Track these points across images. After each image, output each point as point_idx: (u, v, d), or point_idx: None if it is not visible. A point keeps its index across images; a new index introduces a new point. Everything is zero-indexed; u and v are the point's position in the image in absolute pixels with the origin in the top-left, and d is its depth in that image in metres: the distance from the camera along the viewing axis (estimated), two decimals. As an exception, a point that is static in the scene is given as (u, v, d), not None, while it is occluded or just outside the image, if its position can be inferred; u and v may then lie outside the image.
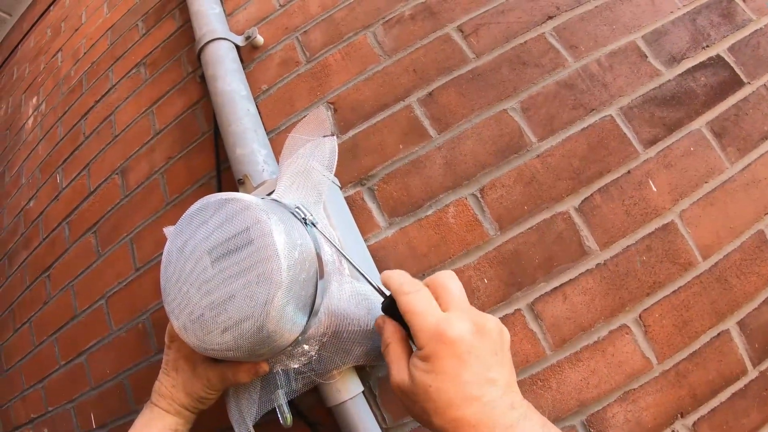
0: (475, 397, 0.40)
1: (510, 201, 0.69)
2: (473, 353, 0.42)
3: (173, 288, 0.54)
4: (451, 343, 0.42)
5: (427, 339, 0.43)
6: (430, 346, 0.42)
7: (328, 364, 0.61)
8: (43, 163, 1.12)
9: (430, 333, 0.43)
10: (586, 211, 0.67)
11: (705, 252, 0.64)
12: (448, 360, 0.42)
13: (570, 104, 0.71)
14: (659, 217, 0.66)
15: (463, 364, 0.42)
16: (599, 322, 0.64)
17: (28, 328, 1.05)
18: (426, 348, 0.42)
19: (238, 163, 0.76)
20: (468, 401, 0.40)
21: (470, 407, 0.40)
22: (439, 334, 0.42)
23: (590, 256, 0.66)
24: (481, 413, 0.40)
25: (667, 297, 0.63)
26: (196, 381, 0.58)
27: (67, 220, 1.03)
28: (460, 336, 0.42)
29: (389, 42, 0.81)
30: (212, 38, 0.84)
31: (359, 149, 0.77)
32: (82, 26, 1.19)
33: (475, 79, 0.75)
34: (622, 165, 0.68)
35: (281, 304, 0.48)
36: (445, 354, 0.42)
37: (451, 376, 0.41)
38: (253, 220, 0.50)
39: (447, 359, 0.42)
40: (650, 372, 0.62)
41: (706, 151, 0.67)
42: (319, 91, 0.83)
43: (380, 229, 0.73)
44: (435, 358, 0.42)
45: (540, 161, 0.70)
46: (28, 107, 1.23)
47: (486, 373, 0.42)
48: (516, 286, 0.66)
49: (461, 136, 0.73)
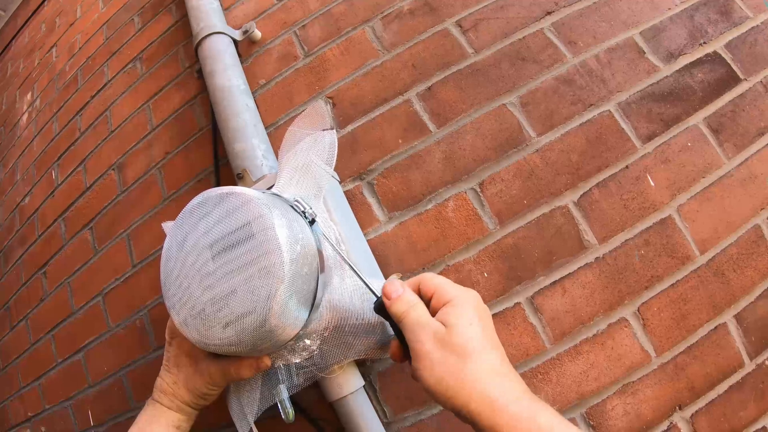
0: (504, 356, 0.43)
1: (509, 195, 0.70)
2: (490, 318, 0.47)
3: (173, 283, 0.53)
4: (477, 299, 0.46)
5: (454, 290, 0.46)
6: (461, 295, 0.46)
7: (329, 359, 0.61)
8: (38, 160, 1.12)
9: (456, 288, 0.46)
10: (584, 205, 0.68)
11: (702, 246, 0.65)
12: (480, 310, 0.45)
13: (569, 100, 0.72)
14: (657, 211, 0.66)
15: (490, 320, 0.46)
16: (598, 315, 0.64)
17: (24, 326, 1.05)
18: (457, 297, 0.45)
19: (237, 158, 0.76)
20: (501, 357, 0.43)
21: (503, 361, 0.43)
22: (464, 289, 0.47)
23: (589, 250, 0.66)
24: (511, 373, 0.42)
25: (665, 291, 0.64)
26: (197, 377, 0.58)
27: (63, 217, 1.02)
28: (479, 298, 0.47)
29: (388, 37, 0.81)
30: (210, 32, 0.84)
31: (358, 144, 0.78)
32: (77, 21, 1.19)
33: (474, 74, 0.75)
34: (621, 160, 0.68)
35: (284, 298, 0.48)
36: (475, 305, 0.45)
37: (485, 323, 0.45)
38: (254, 214, 0.50)
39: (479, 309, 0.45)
40: (649, 365, 0.62)
41: (704, 147, 0.68)
42: (318, 86, 0.83)
43: (380, 223, 0.73)
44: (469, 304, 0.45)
45: (539, 156, 0.70)
46: (22, 103, 1.22)
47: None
48: (516, 280, 0.67)
49: (461, 131, 0.73)
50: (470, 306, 0.45)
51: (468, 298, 0.46)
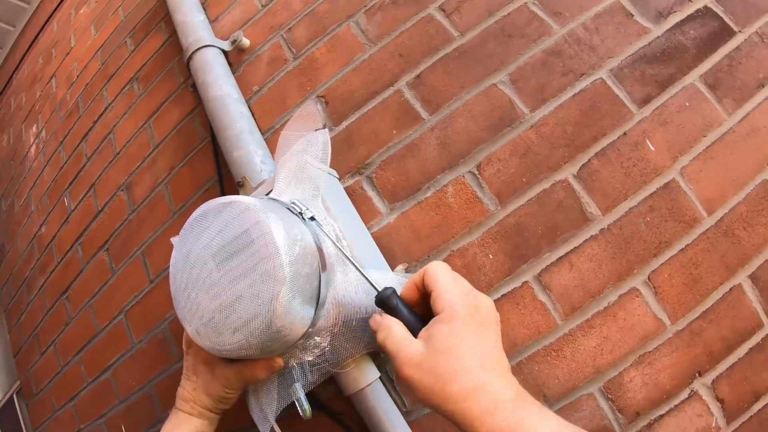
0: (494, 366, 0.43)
1: (507, 174, 0.70)
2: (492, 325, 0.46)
3: (183, 295, 0.57)
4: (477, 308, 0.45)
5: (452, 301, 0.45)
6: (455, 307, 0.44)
7: (341, 354, 0.63)
8: (50, 189, 1.17)
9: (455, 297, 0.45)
10: (584, 177, 0.68)
11: (709, 207, 0.64)
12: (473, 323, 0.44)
13: (559, 71, 0.72)
14: (660, 176, 0.66)
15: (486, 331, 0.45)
16: (608, 287, 0.64)
17: (53, 351, 1.10)
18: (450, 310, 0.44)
19: (237, 166, 0.79)
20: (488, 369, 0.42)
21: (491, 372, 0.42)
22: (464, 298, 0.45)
23: (593, 222, 0.66)
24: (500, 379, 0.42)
25: (674, 256, 0.64)
26: (215, 382, 0.60)
27: (79, 242, 1.07)
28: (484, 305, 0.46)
29: (373, 29, 0.83)
30: (199, 46, 0.87)
31: (354, 139, 0.79)
32: (72, 50, 1.23)
33: (461, 56, 0.76)
34: (618, 127, 0.68)
35: (287, 299, 0.51)
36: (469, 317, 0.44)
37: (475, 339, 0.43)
38: (252, 220, 0.52)
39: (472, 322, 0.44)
40: (664, 333, 0.62)
41: (702, 105, 0.67)
42: (309, 86, 0.85)
43: (382, 215, 0.75)
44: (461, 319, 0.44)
45: (534, 132, 0.71)
46: (29, 136, 1.28)
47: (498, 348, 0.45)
48: (521, 259, 0.68)
49: (453, 115, 0.74)
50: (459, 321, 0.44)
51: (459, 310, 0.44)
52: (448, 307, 0.45)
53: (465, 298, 0.46)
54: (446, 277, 0.47)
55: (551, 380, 0.64)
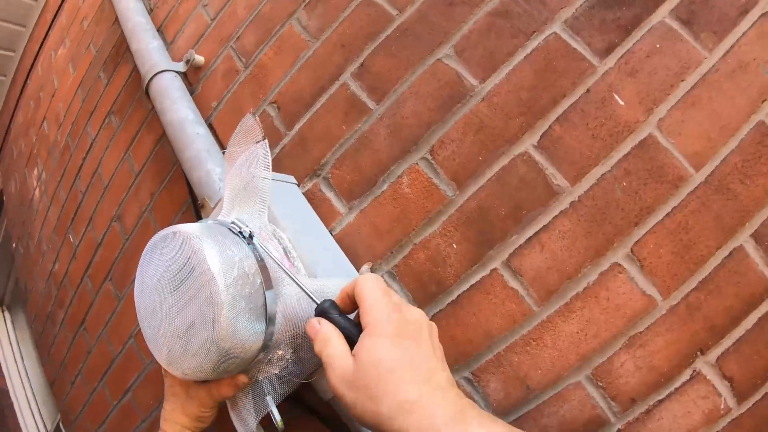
0: (428, 380, 0.40)
1: (462, 155, 0.65)
2: (423, 337, 0.44)
3: (147, 325, 0.59)
4: (404, 321, 0.43)
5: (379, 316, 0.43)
6: (382, 322, 0.43)
7: (306, 365, 0.62)
8: (56, 227, 1.24)
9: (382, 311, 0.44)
10: (546, 146, 0.61)
11: (696, 161, 0.56)
12: (400, 337, 0.42)
13: (507, 33, 0.65)
14: (633, 133, 0.58)
15: (416, 344, 0.43)
16: (585, 265, 0.58)
17: (81, 380, 1.17)
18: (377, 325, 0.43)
19: (197, 186, 0.78)
20: (421, 383, 0.40)
21: (423, 387, 0.39)
22: (389, 312, 0.44)
23: (561, 195, 0.60)
24: (433, 395, 0.39)
25: (660, 222, 0.56)
26: (190, 402, 0.63)
27: (87, 274, 1.13)
28: (413, 316, 0.45)
29: (314, 23, 0.79)
30: (154, 73, 0.87)
31: (307, 141, 0.76)
32: (56, 91, 1.29)
33: (402, 35, 0.71)
34: (579, 84, 0.61)
35: (228, 321, 0.51)
36: (396, 331, 0.42)
37: (403, 354, 0.41)
38: (191, 250, 0.54)
39: (399, 336, 0.42)
40: (656, 310, 0.55)
41: (676, 44, 0.57)
42: (261, 94, 0.83)
43: (341, 215, 0.72)
44: (387, 335, 0.42)
45: (486, 104, 0.64)
46: (32, 179, 1.36)
47: (433, 359, 0.43)
48: (487, 245, 0.62)
49: (400, 100, 0.69)
50: (384, 337, 0.42)
51: (385, 326, 0.43)
52: (374, 323, 0.43)
53: (391, 314, 0.44)
54: (374, 292, 0.46)
55: (533, 371, 0.59)
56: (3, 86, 1.59)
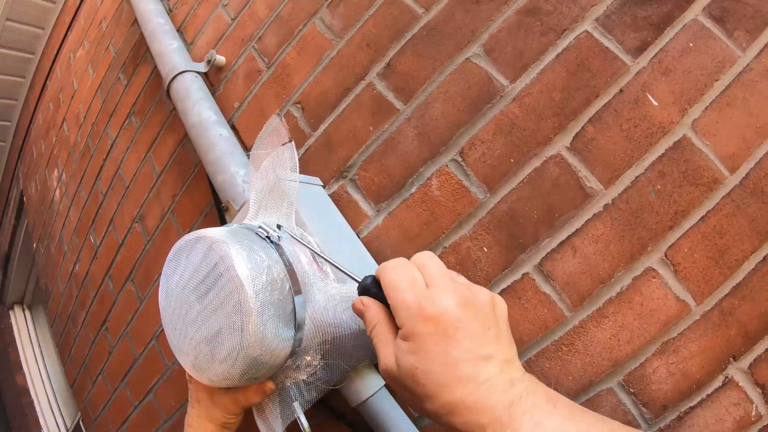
0: (469, 377, 0.38)
1: (493, 157, 0.65)
2: (461, 329, 0.40)
3: (172, 331, 0.59)
4: (434, 319, 0.40)
5: (408, 316, 0.41)
6: (412, 324, 0.41)
7: (335, 370, 0.63)
8: (77, 229, 1.26)
9: (410, 309, 0.41)
10: (579, 147, 0.61)
11: (731, 163, 0.55)
12: (433, 338, 0.40)
13: (537, 31, 0.64)
14: (668, 134, 0.58)
15: (450, 341, 0.40)
16: (619, 270, 0.58)
17: (102, 379, 1.19)
18: (407, 326, 0.41)
19: (222, 190, 0.79)
20: (461, 382, 0.38)
21: (464, 388, 0.38)
22: (419, 309, 0.41)
23: (595, 198, 0.60)
24: (476, 393, 0.38)
25: (694, 226, 0.56)
26: (215, 409, 0.63)
27: (108, 275, 1.15)
28: (444, 311, 0.40)
29: (338, 23, 0.79)
30: (175, 74, 0.88)
31: (333, 142, 0.77)
32: (76, 93, 1.31)
33: (429, 34, 0.71)
34: (612, 84, 0.60)
35: (257, 329, 0.52)
36: (428, 332, 0.40)
37: (437, 355, 0.39)
38: (218, 256, 0.54)
39: (431, 337, 0.40)
40: (689, 316, 0.55)
41: (710, 43, 0.57)
42: (284, 94, 0.83)
43: (370, 218, 0.72)
44: (418, 337, 0.40)
45: (517, 105, 0.64)
46: (52, 180, 1.39)
47: (478, 349, 0.40)
48: (519, 249, 0.63)
49: (428, 101, 0.70)
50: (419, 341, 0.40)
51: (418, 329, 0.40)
52: (407, 325, 0.41)
53: (422, 312, 0.41)
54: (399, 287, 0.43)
55: (564, 377, 0.59)
56: (22, 88, 1.62)
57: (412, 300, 0.41)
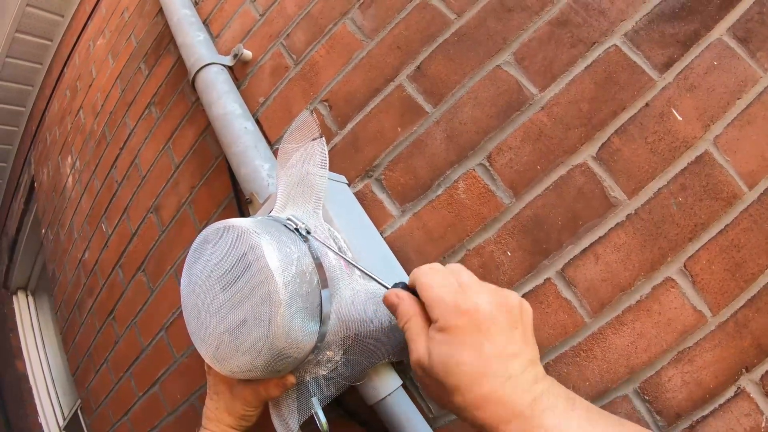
0: (496, 371, 0.41)
1: (520, 163, 0.68)
2: (494, 324, 0.43)
3: (194, 320, 0.60)
4: (469, 313, 0.43)
5: (444, 310, 0.43)
6: (448, 317, 0.43)
7: (355, 367, 0.65)
8: (89, 216, 1.28)
9: (446, 304, 0.44)
10: (605, 158, 0.64)
11: (750, 180, 0.59)
12: (468, 331, 0.42)
13: (567, 43, 0.68)
14: (690, 149, 0.61)
15: (484, 335, 0.42)
16: (639, 279, 0.61)
17: (106, 368, 1.21)
18: (442, 319, 0.43)
19: (245, 182, 0.82)
20: (488, 376, 0.41)
21: (491, 382, 0.40)
22: (456, 304, 0.43)
23: (618, 207, 0.63)
24: (502, 389, 0.40)
25: (713, 239, 0.59)
26: (235, 401, 0.64)
27: (119, 264, 1.17)
28: (478, 306, 0.43)
29: (369, 24, 0.82)
30: (201, 66, 0.91)
31: (360, 141, 0.80)
32: (94, 81, 1.33)
33: (461, 40, 0.74)
34: (638, 98, 0.64)
35: (285, 320, 0.52)
36: (464, 324, 0.42)
37: (471, 347, 0.42)
38: (248, 245, 0.55)
39: (466, 330, 0.42)
40: (705, 326, 0.58)
41: (733, 62, 0.60)
42: (312, 92, 0.86)
43: (394, 218, 0.75)
44: (453, 329, 0.42)
45: (545, 113, 0.68)
46: (65, 167, 1.41)
47: (507, 346, 0.42)
48: (542, 254, 0.65)
49: (457, 105, 0.73)
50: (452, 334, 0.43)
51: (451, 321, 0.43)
52: (441, 320, 0.44)
53: (458, 307, 0.43)
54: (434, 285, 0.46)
55: (581, 382, 0.62)
56: (38, 75, 1.64)
57: (449, 296, 0.44)
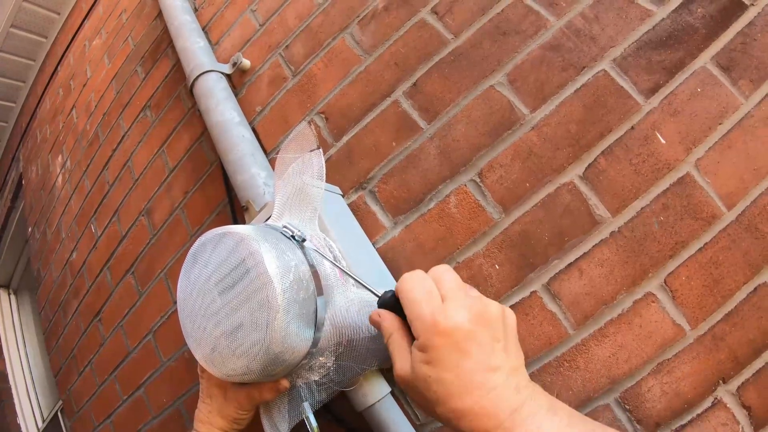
0: (477, 385, 0.43)
1: (510, 180, 0.71)
2: (473, 341, 0.44)
3: (190, 324, 0.62)
4: (448, 333, 0.44)
5: (423, 329, 0.45)
6: (427, 336, 0.45)
7: (346, 373, 0.67)
8: (77, 216, 1.28)
9: (426, 323, 0.45)
10: (591, 177, 0.68)
11: (729, 201, 0.63)
12: (446, 350, 0.44)
13: (558, 66, 0.72)
14: (673, 170, 0.65)
15: (463, 353, 0.44)
16: (621, 293, 0.64)
17: (90, 371, 1.21)
18: (422, 338, 0.45)
19: (241, 189, 0.84)
20: (469, 390, 0.43)
21: (472, 396, 0.43)
22: (434, 324, 0.45)
23: (602, 225, 0.66)
24: (484, 401, 0.42)
25: (692, 256, 0.63)
26: (228, 405, 0.66)
27: (107, 266, 1.17)
28: (457, 325, 0.44)
29: (367, 39, 0.86)
30: (200, 72, 0.93)
31: (354, 154, 0.83)
32: (88, 81, 1.35)
33: (456, 60, 0.78)
34: (624, 121, 0.68)
35: (282, 325, 0.54)
36: (442, 344, 0.44)
37: (450, 366, 0.44)
38: (247, 251, 0.56)
39: (445, 349, 0.44)
40: (683, 339, 0.62)
41: (716, 89, 0.65)
42: (309, 103, 0.89)
43: (386, 230, 0.78)
44: (433, 349, 0.44)
45: (536, 133, 0.71)
46: (55, 166, 1.41)
47: (488, 360, 0.44)
48: (529, 268, 0.69)
49: (451, 122, 0.76)
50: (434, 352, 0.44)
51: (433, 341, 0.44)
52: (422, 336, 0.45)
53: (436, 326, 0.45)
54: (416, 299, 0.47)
55: (565, 392, 0.65)
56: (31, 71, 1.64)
57: (428, 313, 0.46)
